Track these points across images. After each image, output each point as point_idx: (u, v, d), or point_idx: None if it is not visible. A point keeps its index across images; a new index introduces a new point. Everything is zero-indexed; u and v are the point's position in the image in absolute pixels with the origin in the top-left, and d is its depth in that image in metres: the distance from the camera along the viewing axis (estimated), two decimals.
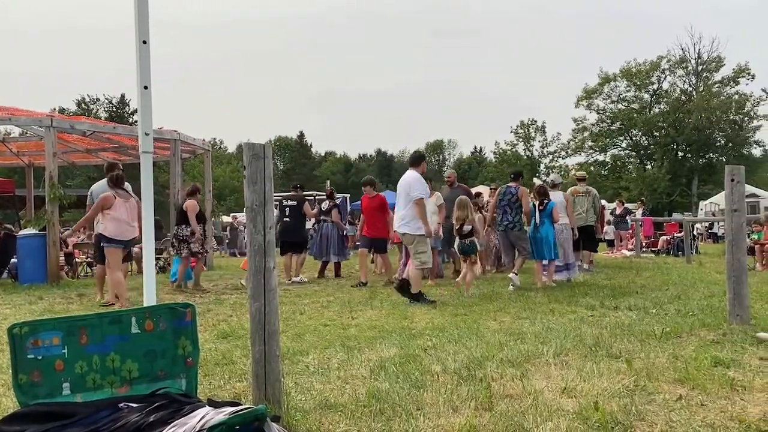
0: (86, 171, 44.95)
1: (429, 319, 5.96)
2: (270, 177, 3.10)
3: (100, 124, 15.81)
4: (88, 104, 54.37)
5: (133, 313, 2.73)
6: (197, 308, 3.10)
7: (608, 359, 4.04)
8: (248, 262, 3.09)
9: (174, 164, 13.12)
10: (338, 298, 7.93)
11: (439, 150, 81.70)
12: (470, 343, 4.62)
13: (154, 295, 3.33)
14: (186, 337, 2.79)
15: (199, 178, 41.40)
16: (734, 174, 5.21)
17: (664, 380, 3.52)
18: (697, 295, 7.02)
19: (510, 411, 3.01)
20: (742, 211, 5.22)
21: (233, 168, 58.31)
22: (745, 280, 5.15)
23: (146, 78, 3.34)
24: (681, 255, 15.55)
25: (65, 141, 14.22)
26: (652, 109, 47.31)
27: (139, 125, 3.41)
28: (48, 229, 10.62)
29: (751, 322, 5.07)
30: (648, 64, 46.30)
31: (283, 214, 10.73)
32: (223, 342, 5.02)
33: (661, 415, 2.95)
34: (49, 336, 2.53)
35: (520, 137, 52.45)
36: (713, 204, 29.90)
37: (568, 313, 6.05)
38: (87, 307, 7.41)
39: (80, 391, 2.56)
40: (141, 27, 3.31)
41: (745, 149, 46.07)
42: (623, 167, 48.99)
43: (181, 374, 2.76)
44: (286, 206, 10.77)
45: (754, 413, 2.96)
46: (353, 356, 4.33)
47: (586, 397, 3.20)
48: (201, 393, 3.08)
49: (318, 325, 5.78)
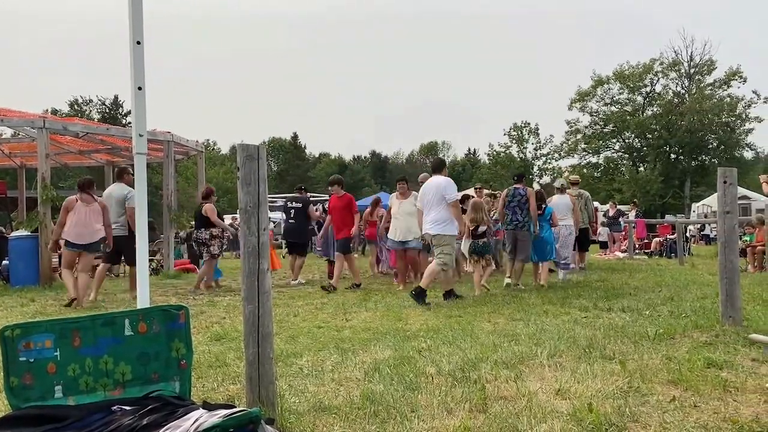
0: (79, 172, 44.80)
1: (423, 321, 5.96)
2: (264, 178, 3.09)
3: (93, 125, 15.74)
4: (81, 105, 54.19)
5: (126, 315, 2.71)
6: (191, 310, 3.09)
7: (602, 361, 4.05)
8: (242, 264, 3.08)
9: (167, 166, 13.07)
10: (332, 300, 7.92)
11: (434, 152, 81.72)
12: (464, 345, 4.62)
13: (148, 297, 3.31)
14: (179, 339, 2.77)
15: (192, 179, 41.37)
16: (727, 176, 5.23)
17: (658, 381, 3.54)
18: (689, 297, 7.05)
19: (504, 413, 3.02)
20: (734, 213, 5.24)
21: (227, 169, 58.17)
22: (737, 281, 5.17)
23: (140, 79, 3.33)
24: (674, 257, 15.62)
25: (58, 142, 14.16)
26: (645, 111, 47.58)
27: (133, 126, 3.40)
28: (40, 231, 10.55)
29: (744, 323, 5.09)
30: (641, 66, 46.56)
31: (288, 215, 10.77)
32: (216, 344, 5.01)
33: (655, 417, 2.96)
34: (42, 338, 2.51)
35: (513, 139, 52.63)
36: (706, 206, 30.06)
37: (562, 315, 6.06)
38: (79, 310, 7.37)
39: (73, 394, 2.54)
40: (135, 27, 3.30)
41: (737, 151, 46.41)
42: (616, 169, 49.22)
43: (174, 377, 2.75)
44: (290, 208, 10.78)
45: (747, 414, 2.97)
46: (347, 358, 4.33)
47: (580, 399, 3.20)
48: (195, 395, 3.06)
49: (312, 327, 5.77)
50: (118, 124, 44.07)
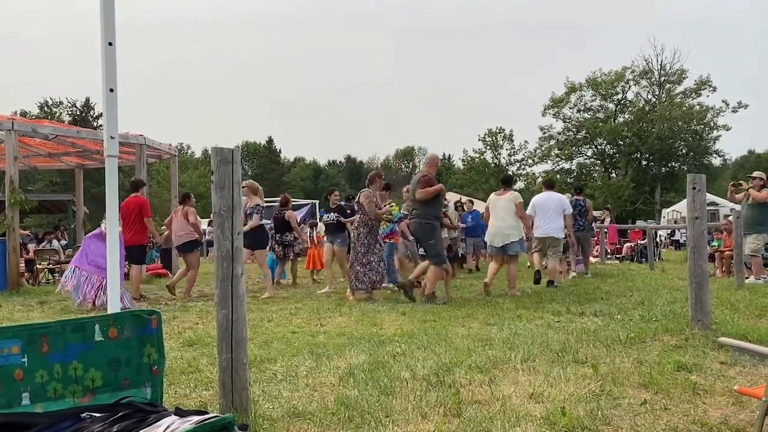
0: (48, 176, 44.00)
1: (398, 326, 5.95)
2: (238, 182, 3.07)
3: (64, 127, 15.45)
4: (51, 107, 53.19)
5: (97, 320, 2.66)
6: (163, 315, 3.05)
7: (575, 364, 4.09)
8: (216, 269, 3.05)
9: (140, 169, 12.89)
10: (307, 305, 7.87)
11: (410, 157, 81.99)
12: (439, 349, 4.63)
13: (119, 302, 3.26)
14: (151, 344, 2.73)
15: (164, 183, 40.85)
16: (696, 182, 5.32)
17: (629, 385, 3.58)
18: (660, 301, 7.16)
19: (478, 417, 3.03)
20: (703, 219, 5.33)
21: (200, 173, 57.53)
22: (706, 286, 5.26)
23: (112, 80, 3.28)
24: (644, 262, 15.86)
25: (26, 145, 13.88)
26: (617, 118, 48.24)
27: (105, 128, 3.35)
28: (8, 235, 10.33)
29: (712, 327, 5.18)
30: (613, 74, 47.24)
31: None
32: (189, 350, 4.95)
33: (627, 420, 3.00)
34: (8, 344, 2.45)
35: (488, 145, 52.96)
36: (675, 212, 30.57)
37: (535, 319, 6.11)
38: (48, 315, 7.23)
39: (41, 401, 2.49)
40: (107, 29, 3.26)
41: (705, 158, 47.28)
42: (588, 175, 49.76)
43: (146, 383, 2.71)
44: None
45: (715, 417, 3.03)
46: (322, 363, 4.31)
47: (554, 403, 3.23)
48: (167, 402, 3.02)
49: (286, 332, 5.73)
50: (90, 126, 43.40)
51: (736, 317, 5.78)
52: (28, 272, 12.03)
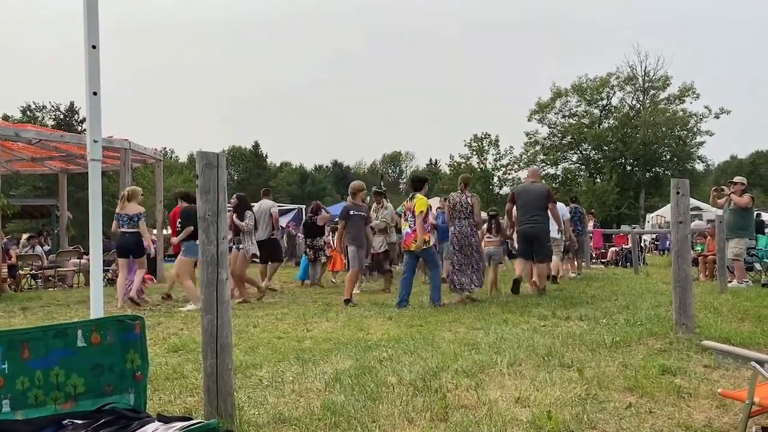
0: (31, 180, 43.53)
1: (385, 331, 5.95)
2: (224, 187, 3.05)
3: (47, 131, 15.31)
4: (34, 111, 52.66)
5: (79, 325, 2.63)
6: (147, 321, 3.02)
7: (560, 368, 4.10)
8: (201, 274, 3.03)
9: (124, 174, 12.79)
10: (293, 310, 7.84)
11: (397, 162, 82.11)
12: (425, 354, 4.63)
13: (102, 308, 3.22)
14: (135, 350, 2.70)
15: (149, 188, 40.59)
16: (679, 187, 5.37)
17: (615, 388, 3.60)
18: (644, 305, 7.20)
19: (465, 421, 3.03)
20: (687, 223, 5.38)
21: (185, 178, 57.25)
22: (690, 290, 5.30)
23: (95, 84, 3.25)
24: (629, 266, 15.97)
25: (9, 149, 13.72)
26: (602, 124, 48.69)
27: (88, 132, 3.31)
28: None
29: (696, 330, 5.22)
30: (598, 80, 47.68)
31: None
32: (173, 356, 4.90)
33: (612, 423, 3.01)
34: None
35: (474, 150, 53.15)
36: (659, 216, 30.80)
37: (521, 324, 6.13)
38: (31, 321, 7.14)
39: (21, 408, 2.45)
40: (90, 31, 3.23)
41: (689, 164, 47.87)
42: (574, 180, 50.15)
43: (129, 389, 2.67)
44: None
45: (700, 419, 3.05)
46: (308, 369, 4.28)
47: (540, 407, 3.24)
48: (150, 408, 2.99)
49: (272, 337, 5.70)
50: (74, 131, 42.97)
51: (720, 321, 5.83)
52: (10, 278, 11.88)
